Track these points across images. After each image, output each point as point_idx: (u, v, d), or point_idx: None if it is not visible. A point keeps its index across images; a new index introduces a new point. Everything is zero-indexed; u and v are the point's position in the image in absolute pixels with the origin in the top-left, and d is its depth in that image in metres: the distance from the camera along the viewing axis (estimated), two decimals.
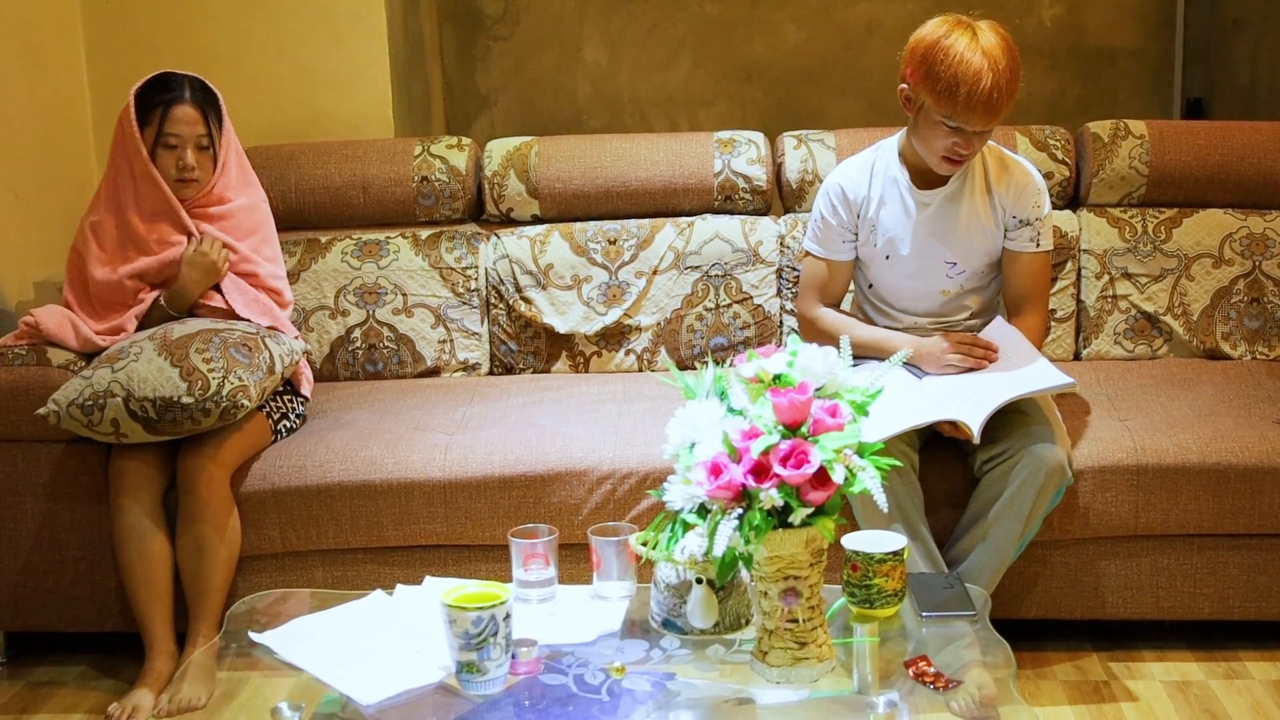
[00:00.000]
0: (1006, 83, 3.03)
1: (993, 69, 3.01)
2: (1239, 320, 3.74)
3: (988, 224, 3.27)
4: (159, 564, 3.13)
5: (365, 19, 4.23)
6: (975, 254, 3.28)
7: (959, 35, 3.06)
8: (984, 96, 3.02)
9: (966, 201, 3.26)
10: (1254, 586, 3.17)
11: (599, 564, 2.57)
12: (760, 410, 2.18)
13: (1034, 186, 3.29)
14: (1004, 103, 3.05)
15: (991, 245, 3.29)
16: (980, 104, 3.03)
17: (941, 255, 3.27)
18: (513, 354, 3.86)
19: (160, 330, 3.21)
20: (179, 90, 3.33)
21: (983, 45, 3.04)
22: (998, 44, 3.05)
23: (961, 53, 3.03)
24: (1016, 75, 3.07)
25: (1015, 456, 3.00)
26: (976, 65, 3.02)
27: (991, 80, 3.01)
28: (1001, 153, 3.34)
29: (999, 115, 3.07)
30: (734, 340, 3.80)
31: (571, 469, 3.19)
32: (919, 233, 3.27)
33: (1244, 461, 3.11)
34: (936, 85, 3.05)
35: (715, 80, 5.21)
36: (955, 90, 3.03)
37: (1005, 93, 3.04)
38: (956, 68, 3.03)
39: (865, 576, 2.35)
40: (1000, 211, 3.27)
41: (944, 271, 3.29)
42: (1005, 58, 3.04)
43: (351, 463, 3.22)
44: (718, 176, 3.86)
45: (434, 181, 3.88)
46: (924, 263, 3.28)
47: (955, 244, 3.26)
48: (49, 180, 4.00)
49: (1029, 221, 3.26)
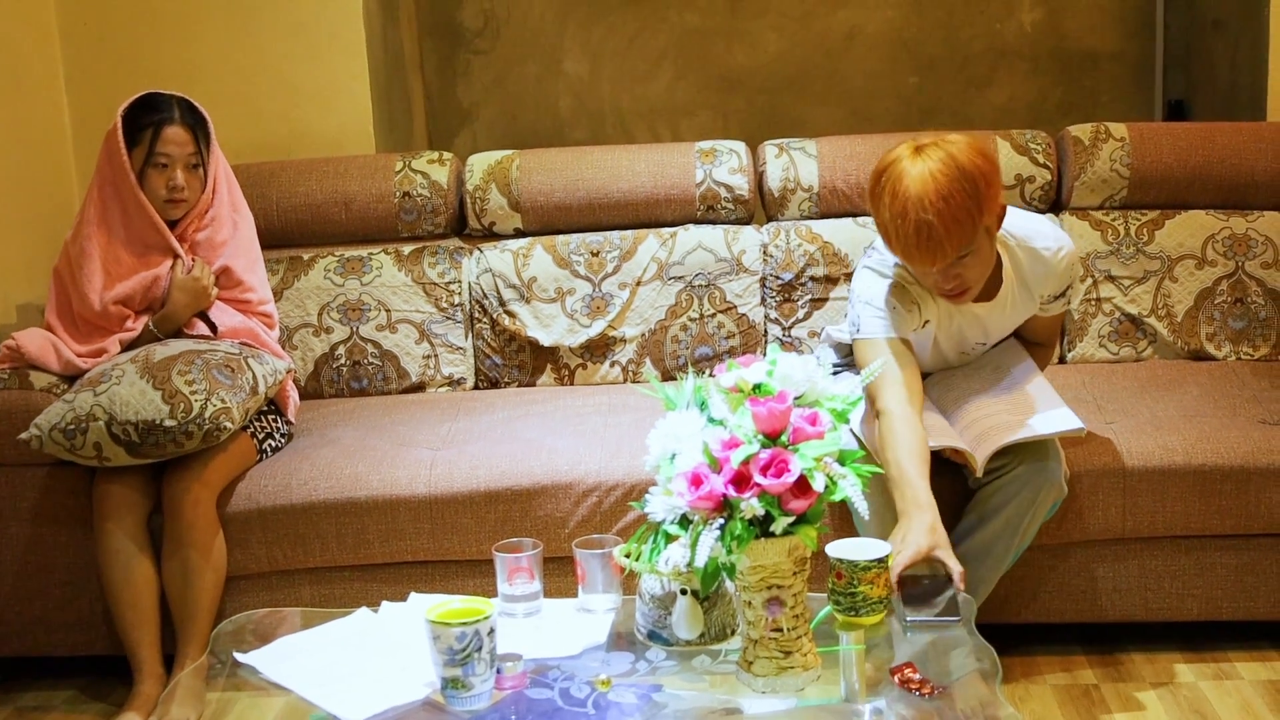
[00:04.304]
0: (940, 215, 2.68)
1: (919, 204, 2.69)
2: (1223, 321, 3.75)
3: (1026, 310, 3.09)
4: (145, 587, 3.12)
5: (344, 35, 4.23)
6: (1007, 332, 3.18)
7: (896, 165, 2.76)
8: (913, 235, 2.71)
9: (1010, 300, 3.05)
10: (1242, 587, 3.17)
11: (584, 577, 2.56)
12: (740, 420, 2.17)
13: (1068, 262, 3.02)
14: (947, 239, 2.71)
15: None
16: (914, 244, 2.73)
17: (974, 339, 3.13)
18: (497, 368, 3.86)
19: (142, 352, 3.20)
20: (168, 111, 3.33)
21: (916, 177, 2.71)
22: (935, 172, 2.70)
23: (893, 193, 2.74)
24: (959, 199, 2.70)
25: (1014, 470, 2.97)
26: (901, 201, 2.72)
27: (918, 218, 2.69)
28: (1028, 236, 3.02)
29: (943, 249, 2.73)
30: (719, 350, 3.80)
31: (557, 482, 3.19)
32: (971, 328, 3.09)
33: (1230, 462, 3.11)
34: (879, 227, 2.82)
35: (697, 90, 5.21)
36: (891, 237, 2.77)
37: (945, 229, 2.70)
38: (888, 206, 2.75)
39: (850, 584, 2.35)
40: (1038, 300, 3.07)
41: (972, 347, 3.16)
42: (940, 182, 2.70)
43: (337, 480, 3.21)
44: (700, 186, 3.86)
45: (416, 197, 3.88)
46: (954, 345, 3.13)
47: (996, 331, 3.14)
48: (29, 201, 3.99)
49: (1063, 293, 3.11)
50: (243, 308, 3.45)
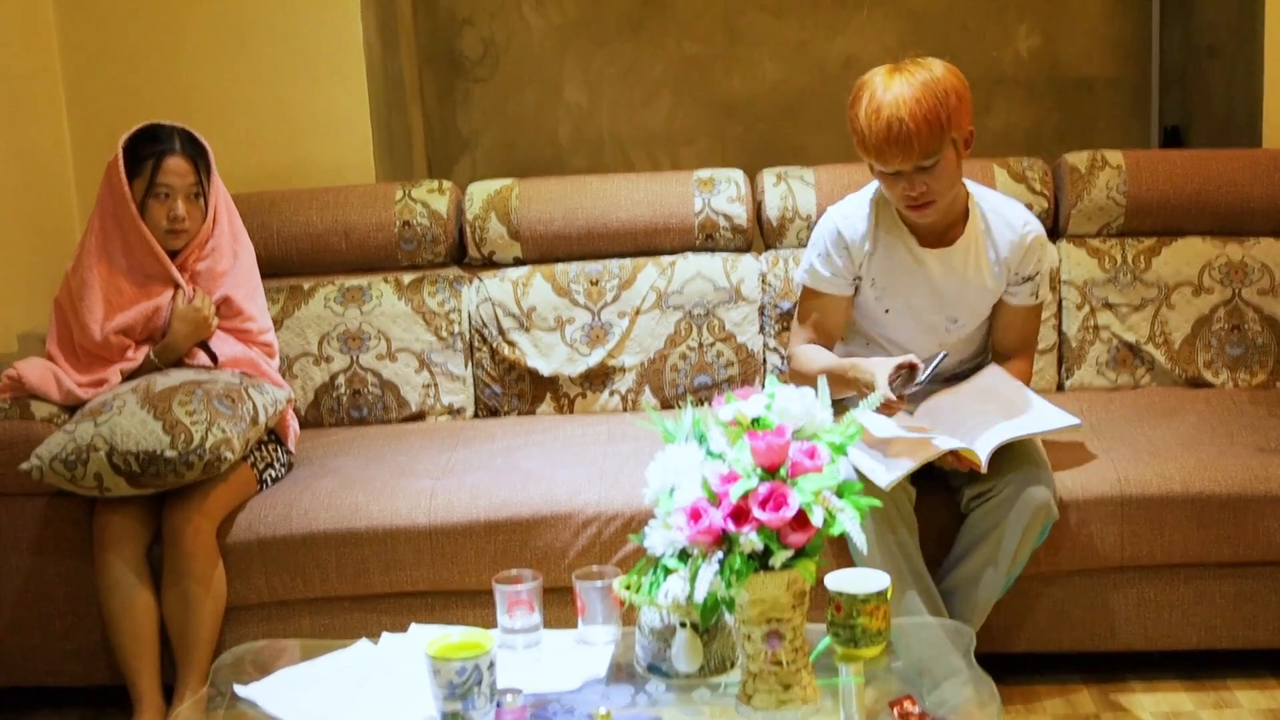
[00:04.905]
0: (912, 114, 2.97)
1: (894, 104, 2.98)
2: (1220, 348, 3.75)
3: (990, 284, 3.23)
4: (145, 618, 3.12)
5: (345, 64, 4.24)
6: (976, 311, 3.27)
7: (873, 80, 3.05)
8: (884, 130, 2.98)
9: (972, 261, 3.21)
10: (1241, 615, 3.17)
11: (584, 609, 2.57)
12: (738, 454, 2.18)
13: (1037, 242, 3.24)
14: (916, 137, 2.98)
15: (992, 300, 3.27)
16: (884, 139, 2.99)
17: (944, 312, 3.25)
18: (497, 397, 3.87)
19: (143, 382, 3.21)
20: (169, 142, 3.34)
21: (894, 84, 3.01)
22: (912, 80, 3.01)
23: (870, 95, 3.02)
24: (929, 103, 2.99)
25: (1002, 493, 2.99)
26: (876, 101, 3.00)
27: (890, 114, 2.97)
28: (1000, 203, 3.29)
29: (912, 147, 2.99)
30: (718, 379, 3.81)
31: (557, 512, 3.19)
32: (921, 290, 3.23)
33: (1228, 490, 3.11)
34: (854, 132, 3.06)
35: (695, 118, 5.23)
36: (865, 135, 3.03)
37: (915, 126, 2.97)
38: (864, 112, 3.02)
39: (849, 616, 2.35)
40: (1003, 270, 3.23)
41: (944, 326, 3.26)
42: (916, 91, 2.99)
43: (337, 510, 3.22)
44: (698, 215, 3.87)
45: (416, 226, 3.89)
46: (925, 319, 3.25)
47: (957, 302, 3.24)
48: (30, 231, 4.00)
49: (1030, 277, 3.24)
50: (243, 337, 3.46)
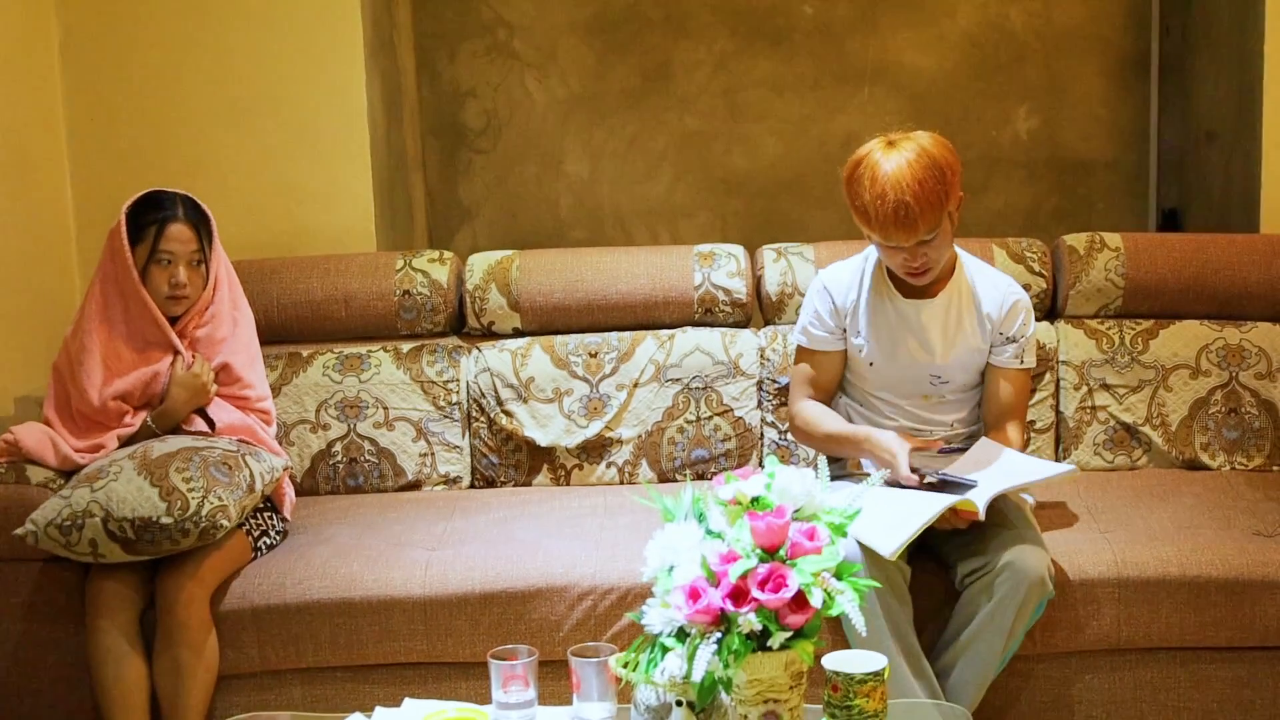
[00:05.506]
0: (916, 197, 3.05)
1: (897, 187, 3.05)
2: (1217, 431, 3.76)
3: (974, 340, 3.30)
4: (135, 686, 3.10)
5: (348, 135, 4.27)
6: (959, 368, 3.31)
7: (872, 155, 3.12)
8: (891, 214, 3.06)
9: (954, 314, 3.29)
10: (1238, 700, 3.16)
11: (579, 685, 2.55)
12: (738, 533, 2.18)
13: (1021, 304, 3.33)
14: (921, 218, 3.07)
15: (978, 360, 3.32)
16: (892, 222, 3.08)
17: (928, 369, 3.30)
18: (494, 467, 3.86)
19: (140, 448, 3.21)
20: (172, 209, 3.36)
21: (892, 163, 3.08)
22: (909, 158, 3.08)
23: (871, 172, 3.09)
24: (930, 184, 3.07)
25: (996, 570, 2.99)
26: (880, 185, 3.07)
27: (895, 197, 3.05)
28: (987, 269, 3.39)
29: (917, 228, 3.08)
30: (715, 453, 3.81)
31: (552, 585, 3.18)
32: (904, 343, 3.30)
33: (1224, 574, 3.11)
34: (857, 210, 3.14)
35: (696, 192, 5.26)
36: (871, 216, 3.10)
37: (920, 209, 3.06)
38: (867, 189, 3.09)
39: (846, 697, 2.34)
40: (987, 327, 3.30)
41: (928, 381, 3.32)
42: (918, 173, 3.06)
43: (331, 580, 3.21)
44: (698, 289, 3.88)
45: (416, 295, 3.90)
46: (908, 373, 3.31)
47: (941, 356, 3.29)
48: (31, 295, 4.00)
49: (1014, 339, 3.31)
50: (241, 404, 3.46)
